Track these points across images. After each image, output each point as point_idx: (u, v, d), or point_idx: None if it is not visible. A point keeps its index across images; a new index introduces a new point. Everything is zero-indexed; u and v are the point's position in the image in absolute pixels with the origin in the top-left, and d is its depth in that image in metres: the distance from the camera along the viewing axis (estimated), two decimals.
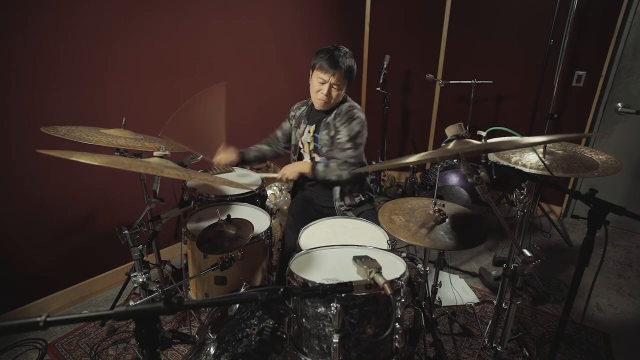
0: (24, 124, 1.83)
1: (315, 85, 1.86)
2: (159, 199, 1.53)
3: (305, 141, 2.01)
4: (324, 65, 1.79)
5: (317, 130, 1.96)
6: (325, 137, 1.92)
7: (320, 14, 3.36)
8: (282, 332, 1.24)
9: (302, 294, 0.84)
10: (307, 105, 2.04)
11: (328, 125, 1.91)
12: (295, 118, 2.06)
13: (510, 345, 1.87)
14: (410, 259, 1.37)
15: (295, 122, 2.05)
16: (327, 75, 1.79)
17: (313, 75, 1.87)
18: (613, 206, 1.00)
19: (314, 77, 1.85)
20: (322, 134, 1.92)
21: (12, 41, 1.74)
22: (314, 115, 2.00)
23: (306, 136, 2.00)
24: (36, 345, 1.87)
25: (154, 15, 2.20)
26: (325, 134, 1.91)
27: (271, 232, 1.74)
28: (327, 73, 1.79)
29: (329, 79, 1.80)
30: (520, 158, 1.44)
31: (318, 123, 1.96)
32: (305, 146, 2.02)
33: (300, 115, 2.05)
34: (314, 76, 1.86)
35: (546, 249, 2.86)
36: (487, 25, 3.29)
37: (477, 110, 3.34)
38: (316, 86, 1.85)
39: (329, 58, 1.79)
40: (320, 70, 1.81)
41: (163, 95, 2.35)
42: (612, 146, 3.02)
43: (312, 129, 1.97)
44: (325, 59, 1.80)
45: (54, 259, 2.07)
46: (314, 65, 1.85)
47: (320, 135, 1.93)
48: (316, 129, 1.96)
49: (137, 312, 0.69)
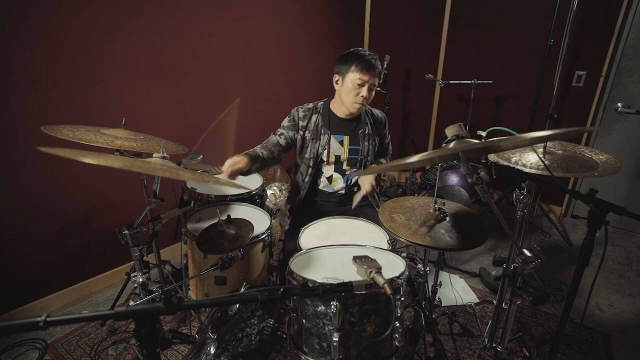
0: (24, 123, 1.83)
1: (353, 87, 1.72)
2: (159, 199, 1.53)
3: (334, 154, 1.86)
4: (363, 65, 1.68)
5: (355, 142, 1.87)
6: (370, 147, 1.88)
7: (320, 14, 3.36)
8: (282, 331, 1.24)
9: (302, 293, 0.84)
10: (318, 112, 1.87)
11: (370, 136, 1.88)
12: (309, 129, 1.85)
13: (510, 345, 1.87)
14: (410, 259, 1.38)
15: (311, 135, 1.85)
16: (368, 76, 1.70)
17: (347, 78, 1.73)
18: (613, 206, 1.00)
19: (350, 80, 1.72)
20: (365, 145, 1.87)
21: (12, 41, 1.74)
22: (338, 124, 1.86)
23: (335, 148, 1.86)
24: (36, 345, 1.87)
25: (155, 16, 2.20)
26: (369, 145, 1.88)
27: (271, 232, 1.74)
28: (368, 73, 1.69)
29: (369, 79, 1.70)
30: (520, 158, 1.44)
31: (352, 134, 1.87)
32: (332, 159, 1.87)
33: (315, 125, 1.85)
34: (348, 79, 1.72)
35: (546, 249, 2.86)
36: (487, 25, 3.29)
37: (477, 110, 3.34)
38: (354, 89, 1.72)
39: (365, 59, 1.70)
40: (359, 72, 1.69)
41: (163, 95, 2.35)
42: (612, 146, 3.02)
43: (344, 140, 1.86)
44: (362, 59, 1.69)
45: (54, 259, 2.07)
46: (347, 68, 1.72)
47: (362, 147, 1.87)
48: (352, 141, 1.87)
49: (137, 312, 0.69)
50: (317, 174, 1.91)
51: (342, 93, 1.77)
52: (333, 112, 1.88)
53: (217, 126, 1.60)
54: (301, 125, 1.85)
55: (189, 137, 2.47)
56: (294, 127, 1.86)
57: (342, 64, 1.76)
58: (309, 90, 3.37)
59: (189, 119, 2.51)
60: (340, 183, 1.92)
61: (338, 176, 1.91)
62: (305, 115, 1.86)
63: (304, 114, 1.86)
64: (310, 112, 1.87)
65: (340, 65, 1.77)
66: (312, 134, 1.85)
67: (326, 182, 1.92)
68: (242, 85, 2.83)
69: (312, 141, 1.85)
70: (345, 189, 1.93)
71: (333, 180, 1.92)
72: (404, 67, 3.78)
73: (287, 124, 1.87)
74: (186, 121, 2.50)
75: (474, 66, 3.39)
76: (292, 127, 1.86)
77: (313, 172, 1.88)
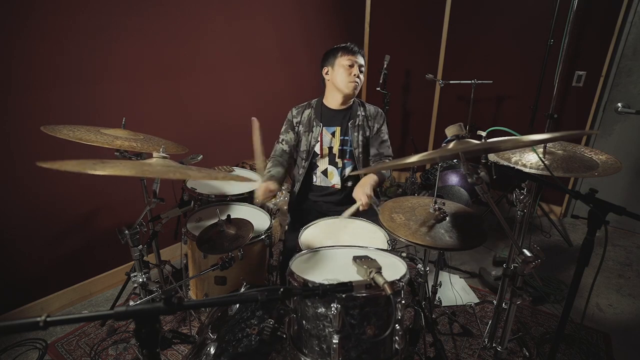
0: (24, 123, 1.83)
1: (344, 69, 1.79)
2: (159, 199, 1.53)
3: (326, 146, 1.89)
4: (348, 50, 1.80)
5: (346, 132, 1.89)
6: (360, 137, 1.89)
7: (320, 14, 3.36)
8: (282, 332, 1.24)
9: (302, 294, 0.84)
10: (312, 107, 1.93)
11: (360, 127, 1.89)
12: (302, 124, 1.91)
13: (510, 345, 1.87)
14: (410, 259, 1.37)
15: (304, 127, 1.90)
16: (355, 57, 1.79)
17: (336, 64, 1.81)
18: (613, 206, 1.00)
19: (341, 63, 1.80)
20: (355, 136, 1.89)
21: (12, 41, 1.74)
22: (329, 116, 1.90)
23: (327, 140, 1.89)
24: (36, 345, 1.87)
25: (154, 16, 2.20)
26: (360, 135, 1.89)
27: (271, 232, 1.74)
28: (354, 55, 1.79)
29: (357, 59, 1.80)
30: (520, 158, 1.44)
31: (343, 125, 1.89)
32: (324, 151, 1.90)
33: (307, 118, 1.90)
34: (338, 64, 1.81)
35: (546, 249, 2.86)
36: (487, 25, 3.29)
37: (477, 110, 3.34)
38: (346, 70, 1.79)
39: (348, 45, 1.82)
40: (346, 55, 1.79)
41: (163, 95, 2.35)
42: (612, 146, 3.02)
43: (336, 131, 1.89)
44: (345, 46, 1.81)
45: (54, 259, 2.07)
46: (334, 57, 1.82)
47: (352, 138, 1.89)
48: (343, 132, 1.89)
49: (137, 312, 0.69)
50: (311, 167, 1.94)
51: (336, 79, 1.82)
52: (326, 105, 1.92)
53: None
54: (295, 122, 1.93)
55: (189, 137, 2.48)
56: (290, 127, 1.93)
57: (328, 57, 1.85)
58: (309, 90, 3.36)
59: (189, 119, 2.51)
60: (336, 177, 1.93)
61: (333, 169, 1.93)
62: (299, 112, 1.93)
63: (297, 110, 1.94)
64: (303, 108, 1.94)
65: (326, 59, 1.86)
66: (304, 127, 1.91)
67: (322, 177, 1.94)
68: (242, 85, 2.83)
69: (305, 134, 1.90)
70: (340, 183, 1.94)
71: (329, 173, 1.94)
72: (404, 67, 3.78)
73: (284, 129, 1.95)
74: (186, 121, 2.50)
75: (474, 66, 3.39)
76: (289, 127, 1.93)
77: (307, 165, 1.91)
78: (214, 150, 2.64)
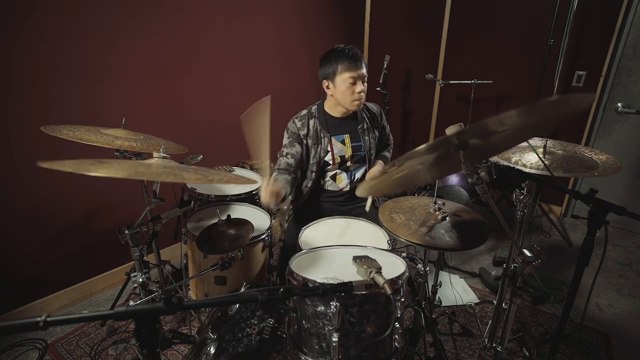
0: (24, 123, 1.83)
1: (346, 87, 1.69)
2: (159, 199, 1.53)
3: (338, 155, 1.84)
4: (348, 62, 1.66)
5: (357, 138, 1.87)
6: (371, 140, 1.89)
7: (320, 14, 3.36)
8: (282, 331, 1.24)
9: (302, 293, 0.84)
10: (314, 116, 1.83)
11: (369, 129, 1.89)
12: (310, 136, 1.81)
13: (510, 345, 1.87)
14: (410, 259, 1.37)
15: (312, 140, 1.82)
16: (357, 71, 1.67)
17: (337, 80, 1.70)
18: (613, 206, 1.00)
19: (341, 81, 1.69)
20: (366, 140, 1.87)
21: (12, 41, 1.74)
22: (335, 125, 1.85)
23: (339, 149, 1.84)
24: (36, 345, 1.87)
25: (155, 16, 2.20)
26: (370, 138, 1.89)
27: (271, 232, 1.74)
28: (356, 69, 1.67)
29: (359, 74, 1.68)
30: (520, 158, 1.44)
31: (352, 131, 1.86)
32: (337, 160, 1.84)
33: (313, 129, 1.81)
34: (339, 81, 1.70)
35: (546, 249, 2.86)
36: (487, 25, 3.29)
37: (477, 110, 3.34)
38: (349, 88, 1.69)
39: (347, 55, 1.67)
40: (346, 70, 1.67)
41: (163, 95, 2.35)
42: (612, 146, 3.02)
43: (345, 138, 1.85)
44: (344, 56, 1.67)
45: (54, 259, 2.07)
46: (333, 70, 1.70)
47: (364, 142, 1.87)
48: (354, 138, 1.86)
49: (137, 312, 0.69)
50: (320, 175, 1.90)
51: (338, 96, 1.75)
52: (329, 113, 1.85)
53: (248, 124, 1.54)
54: (302, 134, 1.81)
55: (189, 137, 2.48)
56: (297, 139, 1.81)
57: (326, 68, 1.73)
58: (309, 90, 3.36)
59: (189, 119, 2.51)
60: (345, 180, 1.92)
61: (342, 173, 1.91)
62: (303, 124, 1.82)
63: (301, 122, 1.82)
64: (307, 118, 1.83)
65: (325, 70, 1.74)
66: (313, 140, 1.82)
67: (330, 181, 1.92)
68: (242, 85, 2.82)
69: (314, 146, 1.82)
70: (349, 185, 1.93)
71: (337, 177, 1.91)
72: (404, 67, 3.78)
73: (288, 141, 1.82)
74: (186, 121, 2.50)
75: (474, 66, 3.38)
76: (295, 140, 1.81)
77: (316, 177, 1.87)
78: (214, 150, 2.64)
